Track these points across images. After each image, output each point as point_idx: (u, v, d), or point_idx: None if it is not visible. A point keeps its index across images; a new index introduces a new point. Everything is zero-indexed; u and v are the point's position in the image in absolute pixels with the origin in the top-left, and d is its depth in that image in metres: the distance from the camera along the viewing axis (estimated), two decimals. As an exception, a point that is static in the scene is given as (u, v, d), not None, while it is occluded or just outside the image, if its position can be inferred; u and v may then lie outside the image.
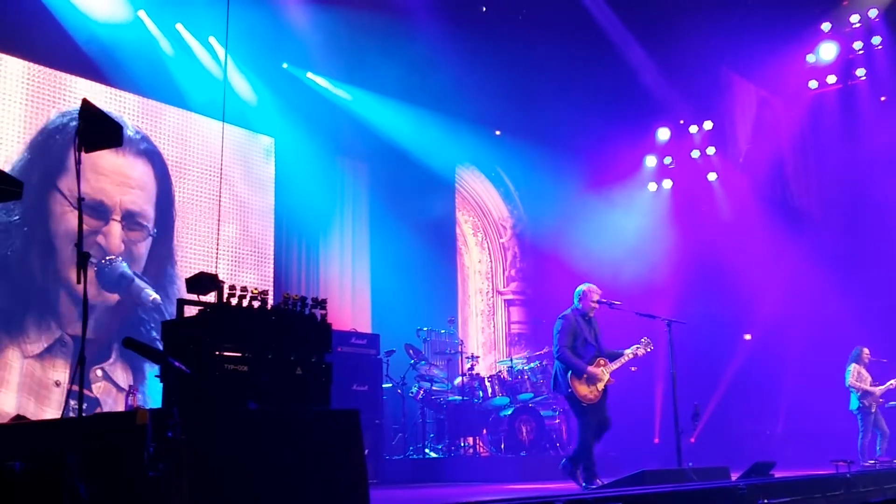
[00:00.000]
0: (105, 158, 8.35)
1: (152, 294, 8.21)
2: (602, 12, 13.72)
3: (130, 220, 8.63)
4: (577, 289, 8.31)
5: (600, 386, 7.89)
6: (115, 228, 8.20)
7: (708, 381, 13.87)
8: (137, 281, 8.10)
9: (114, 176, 8.55)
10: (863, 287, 13.90)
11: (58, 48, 10.20)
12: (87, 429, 4.18)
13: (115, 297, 7.90)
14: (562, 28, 13.84)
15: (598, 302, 8.30)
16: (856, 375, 11.46)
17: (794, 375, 13.72)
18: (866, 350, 11.68)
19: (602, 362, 8.00)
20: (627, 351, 8.18)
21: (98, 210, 8.34)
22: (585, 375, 7.81)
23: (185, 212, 11.34)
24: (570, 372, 7.84)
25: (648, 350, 8.29)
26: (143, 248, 8.37)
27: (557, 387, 8.11)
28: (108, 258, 7.86)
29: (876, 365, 11.65)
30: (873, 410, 11.35)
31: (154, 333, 7.96)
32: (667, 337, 8.57)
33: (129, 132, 8.79)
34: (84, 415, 4.44)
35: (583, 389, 7.81)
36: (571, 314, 8.15)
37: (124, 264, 8.01)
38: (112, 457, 3.90)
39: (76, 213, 4.39)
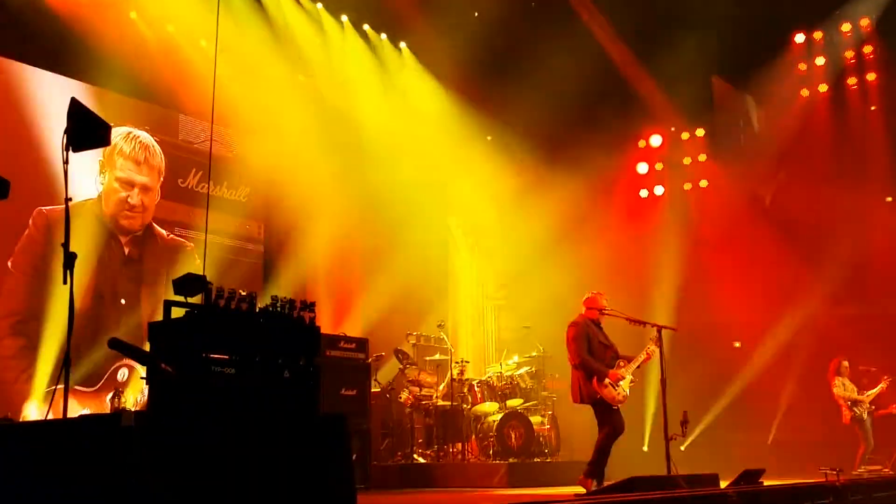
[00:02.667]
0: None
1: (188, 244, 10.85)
2: (594, 19, 13.75)
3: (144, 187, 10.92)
4: (585, 296, 8.40)
5: (626, 386, 7.97)
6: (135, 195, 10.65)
7: (697, 389, 13.83)
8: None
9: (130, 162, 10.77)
10: (853, 294, 13.92)
11: (50, 49, 10.19)
12: (72, 430, 4.13)
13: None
14: (553, 33, 13.86)
15: (588, 309, 8.40)
16: (841, 387, 11.47)
17: (783, 383, 13.72)
18: (845, 363, 11.70)
19: (622, 363, 8.07)
20: (644, 351, 8.23)
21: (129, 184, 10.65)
22: (608, 379, 7.84)
23: (174, 213, 11.37)
24: (594, 378, 7.84)
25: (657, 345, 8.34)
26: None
27: (581, 396, 8.05)
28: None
29: (864, 374, 11.66)
30: (865, 418, 11.34)
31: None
32: (657, 343, 8.55)
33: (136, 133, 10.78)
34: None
35: (610, 392, 7.86)
36: (582, 321, 8.19)
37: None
38: (96, 459, 3.85)
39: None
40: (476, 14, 13.61)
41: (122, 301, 10.61)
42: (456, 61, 13.28)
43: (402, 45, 14.01)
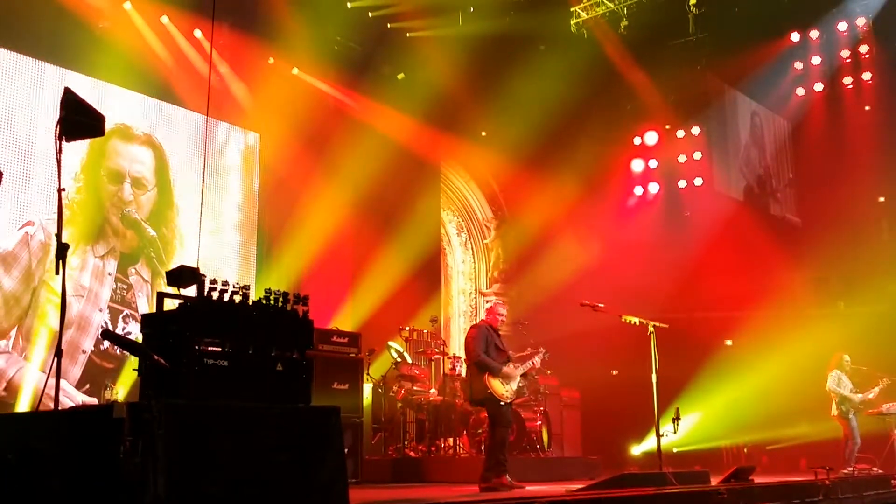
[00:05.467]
0: (123, 147, 11.03)
1: (152, 231, 11.18)
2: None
3: (136, 182, 11.19)
4: (486, 304, 8.82)
5: (514, 385, 8.33)
6: (127, 188, 11.02)
7: (689, 386, 13.87)
8: (143, 224, 11.13)
9: (126, 156, 11.13)
10: (845, 294, 13.95)
11: (43, 38, 10.18)
12: (64, 421, 4.12)
13: (132, 232, 10.96)
14: (549, 30, 13.88)
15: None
16: (836, 381, 11.48)
17: (775, 381, 13.74)
18: (847, 357, 11.71)
19: (514, 365, 8.49)
20: (535, 359, 8.91)
21: (117, 177, 10.95)
22: (501, 375, 8.19)
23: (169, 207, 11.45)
24: (486, 375, 8.14)
25: (545, 359, 9.08)
26: (147, 198, 11.19)
27: (474, 392, 8.34)
28: (127, 209, 10.91)
29: (856, 373, 11.67)
30: (850, 416, 11.35)
31: (152, 252, 11.18)
32: (649, 341, 8.56)
33: (137, 131, 11.21)
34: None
35: (500, 389, 8.14)
36: (483, 325, 8.63)
37: (135, 214, 11.03)
38: (88, 450, 3.84)
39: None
40: (471, 10, 13.57)
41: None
42: (452, 56, 13.25)
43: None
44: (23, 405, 9.42)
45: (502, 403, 8.10)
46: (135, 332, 10.35)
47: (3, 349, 9.16)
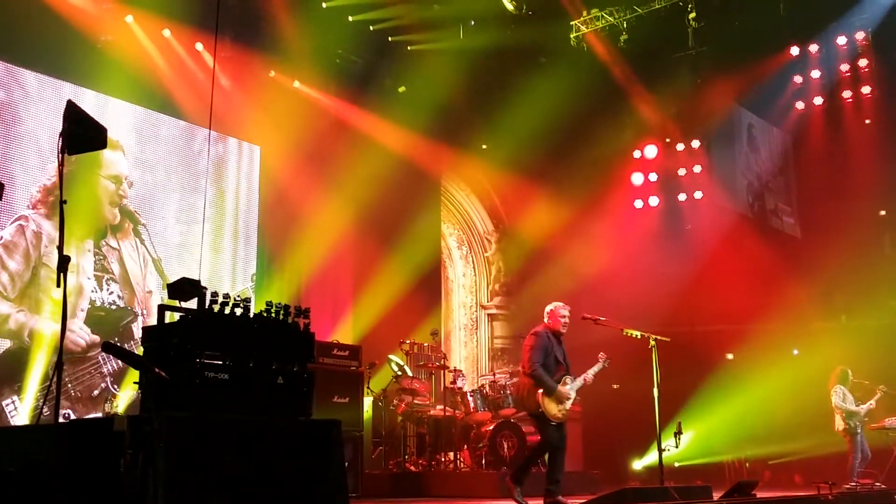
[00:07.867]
0: (112, 154, 11.29)
1: (137, 224, 11.52)
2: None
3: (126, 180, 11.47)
4: (547, 307, 8.29)
5: (568, 405, 7.88)
6: (124, 186, 11.49)
7: (691, 400, 13.84)
8: (135, 213, 11.53)
9: (116, 162, 11.36)
10: (847, 307, 13.93)
11: (43, 52, 10.21)
12: (64, 434, 4.11)
13: (124, 218, 11.50)
14: (549, 44, 13.91)
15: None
16: (841, 397, 11.44)
17: (777, 395, 13.72)
18: (850, 371, 11.67)
19: (568, 381, 7.97)
20: (589, 372, 8.20)
21: (114, 180, 11.38)
22: (555, 394, 7.77)
23: (170, 219, 11.43)
24: (541, 390, 7.76)
25: (606, 366, 8.32)
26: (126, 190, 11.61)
27: (527, 405, 7.99)
28: (124, 202, 11.50)
29: (857, 387, 11.63)
30: (859, 431, 11.31)
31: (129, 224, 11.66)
32: (651, 354, 8.54)
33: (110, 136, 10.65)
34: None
35: (553, 408, 7.77)
36: (543, 331, 8.07)
37: (130, 206, 11.57)
38: (89, 463, 3.83)
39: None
40: (472, 23, 13.59)
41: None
42: (453, 69, 13.29)
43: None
44: (41, 354, 10.08)
45: (553, 423, 7.78)
46: (116, 292, 11.25)
47: (20, 308, 10.36)
